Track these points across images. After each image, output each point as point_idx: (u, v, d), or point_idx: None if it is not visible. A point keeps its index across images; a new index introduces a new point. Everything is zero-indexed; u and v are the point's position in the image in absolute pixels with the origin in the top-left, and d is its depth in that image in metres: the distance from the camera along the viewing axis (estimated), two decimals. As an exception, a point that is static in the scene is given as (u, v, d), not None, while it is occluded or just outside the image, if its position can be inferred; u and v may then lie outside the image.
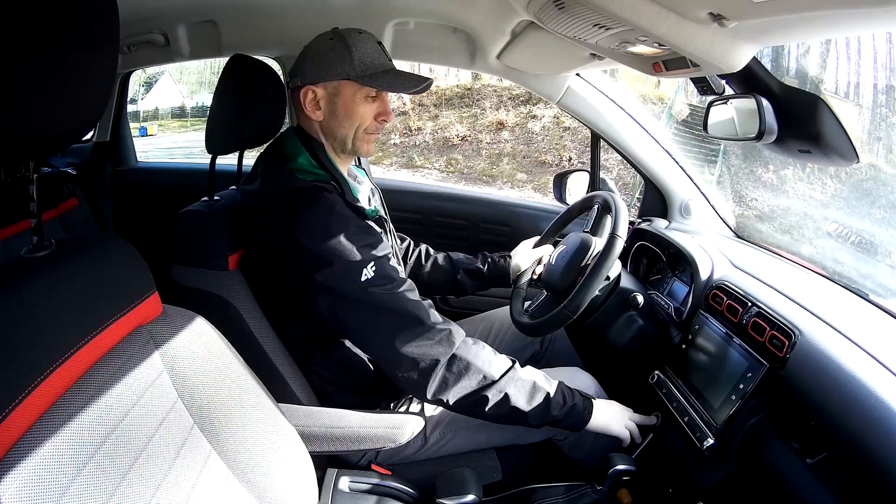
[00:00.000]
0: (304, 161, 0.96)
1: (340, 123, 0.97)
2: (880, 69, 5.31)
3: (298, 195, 0.91)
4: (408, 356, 0.87)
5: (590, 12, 0.75)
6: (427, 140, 9.91)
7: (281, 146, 1.00)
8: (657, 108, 7.89)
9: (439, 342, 0.88)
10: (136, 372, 0.59)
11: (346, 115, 0.96)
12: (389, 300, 0.88)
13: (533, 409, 0.90)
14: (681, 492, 0.94)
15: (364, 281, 0.87)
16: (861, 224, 2.72)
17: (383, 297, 0.88)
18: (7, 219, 1.41)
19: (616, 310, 1.05)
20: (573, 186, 1.51)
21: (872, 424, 0.65)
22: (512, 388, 0.90)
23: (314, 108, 0.97)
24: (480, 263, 1.29)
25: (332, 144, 1.00)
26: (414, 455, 1.03)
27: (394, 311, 0.88)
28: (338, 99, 0.96)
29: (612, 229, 1.02)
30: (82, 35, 0.51)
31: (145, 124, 11.93)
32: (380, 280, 0.88)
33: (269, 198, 0.93)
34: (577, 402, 0.95)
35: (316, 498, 0.83)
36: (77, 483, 0.49)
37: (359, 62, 0.94)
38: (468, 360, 0.88)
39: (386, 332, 0.87)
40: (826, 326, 0.81)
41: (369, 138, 1.00)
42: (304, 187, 0.92)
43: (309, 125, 1.00)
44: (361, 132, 0.98)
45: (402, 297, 0.89)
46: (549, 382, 0.94)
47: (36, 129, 0.51)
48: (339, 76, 0.94)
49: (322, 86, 0.95)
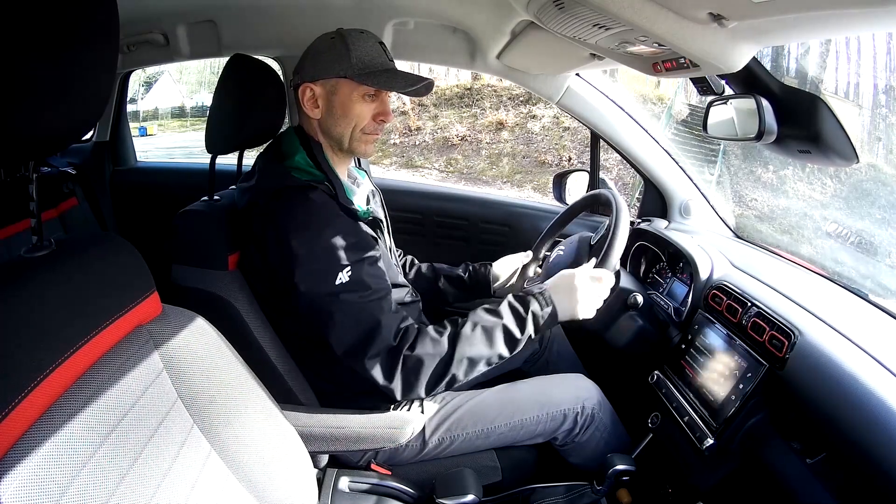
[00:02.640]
0: (300, 159, 0.96)
1: (337, 122, 0.97)
2: (880, 69, 5.31)
3: (290, 193, 0.91)
4: (369, 365, 0.87)
5: (590, 12, 0.75)
6: (427, 140, 9.92)
7: (279, 144, 1.00)
8: (657, 108, 7.89)
9: (392, 349, 0.88)
10: (136, 372, 0.59)
11: (343, 113, 0.96)
12: (357, 309, 0.88)
13: (501, 347, 0.91)
14: (680, 492, 0.94)
15: (337, 285, 0.87)
16: (861, 224, 2.72)
17: (352, 304, 0.87)
18: (7, 218, 1.41)
19: (615, 310, 1.05)
20: (573, 186, 1.51)
21: (872, 424, 0.65)
22: (468, 349, 0.89)
23: (312, 106, 0.97)
24: (461, 271, 1.29)
25: (329, 144, 1.00)
26: (413, 457, 1.03)
27: (358, 321, 0.88)
28: (335, 97, 0.96)
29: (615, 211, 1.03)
30: (82, 35, 0.51)
31: (145, 124, 11.94)
32: (353, 286, 0.88)
33: (263, 194, 0.93)
34: (533, 307, 0.93)
35: (315, 498, 0.83)
36: (77, 482, 0.49)
37: (356, 60, 0.94)
38: (418, 353, 0.88)
39: (350, 339, 0.87)
40: (826, 327, 0.81)
41: (367, 139, 0.99)
42: (295, 185, 0.92)
43: (308, 124, 1.00)
44: (359, 132, 0.98)
45: (370, 307, 0.89)
46: (495, 314, 0.93)
47: (36, 129, 0.51)
48: (336, 74, 0.94)
49: (320, 84, 0.96)
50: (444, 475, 0.91)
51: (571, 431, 1.05)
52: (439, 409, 1.04)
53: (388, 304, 0.92)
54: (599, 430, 1.06)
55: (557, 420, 1.04)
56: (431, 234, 1.73)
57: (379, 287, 0.92)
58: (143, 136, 11.21)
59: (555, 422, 1.04)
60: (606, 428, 1.07)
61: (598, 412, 1.06)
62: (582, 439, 1.05)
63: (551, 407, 1.04)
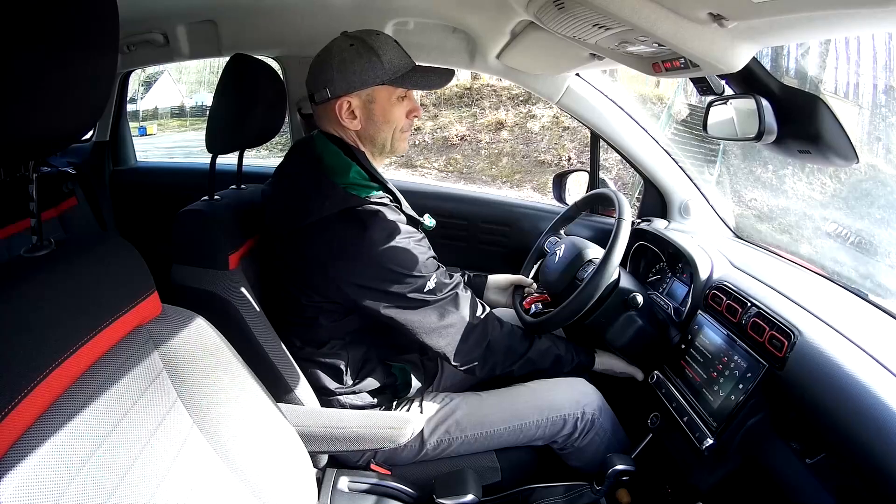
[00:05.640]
0: (355, 175, 0.95)
1: (379, 128, 0.97)
2: (880, 69, 5.31)
3: (361, 213, 0.91)
4: (462, 352, 0.99)
5: (590, 12, 0.75)
6: (426, 139, 9.91)
7: (319, 159, 0.97)
8: (657, 108, 7.89)
9: (482, 334, 1.01)
10: (136, 372, 0.59)
11: (384, 119, 0.96)
12: (447, 307, 0.98)
13: (549, 367, 1.08)
14: (680, 492, 0.94)
15: (427, 291, 0.95)
16: (860, 224, 2.72)
17: (444, 304, 0.97)
18: (7, 218, 1.41)
19: (615, 310, 1.05)
20: (572, 186, 1.51)
21: (871, 424, 0.65)
22: (535, 356, 1.07)
23: (350, 118, 0.96)
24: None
25: (370, 150, 1.00)
26: (412, 458, 1.03)
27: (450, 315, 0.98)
28: (374, 105, 0.95)
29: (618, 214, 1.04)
30: (82, 35, 0.51)
31: (144, 124, 11.91)
32: (439, 288, 0.97)
33: (322, 216, 0.91)
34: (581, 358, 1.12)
35: (315, 497, 0.83)
36: (76, 482, 0.49)
37: (389, 65, 0.93)
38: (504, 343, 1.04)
39: (447, 334, 0.98)
40: (825, 327, 0.81)
41: (404, 136, 1.01)
42: (365, 205, 0.92)
43: (346, 134, 0.99)
44: (398, 132, 0.99)
45: (456, 303, 0.99)
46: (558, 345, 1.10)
47: (35, 129, 0.51)
48: (374, 83, 0.93)
49: (356, 94, 0.94)
50: (443, 475, 0.91)
51: (571, 436, 1.05)
52: (439, 409, 1.04)
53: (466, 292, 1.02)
54: (599, 436, 1.06)
55: (557, 424, 1.04)
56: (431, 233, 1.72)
57: (454, 282, 1.00)
58: (142, 135, 11.19)
59: (555, 426, 1.04)
60: (606, 433, 1.07)
61: (598, 417, 1.06)
62: (582, 444, 1.06)
63: (551, 411, 1.04)
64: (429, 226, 1.04)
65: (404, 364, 1.05)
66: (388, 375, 1.04)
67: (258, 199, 1.08)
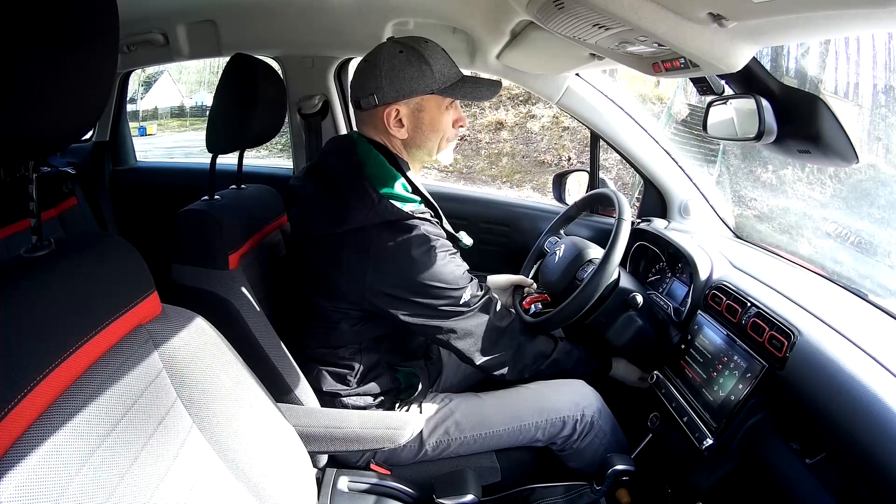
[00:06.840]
0: (400, 187, 0.94)
1: (427, 137, 0.97)
2: (880, 69, 5.30)
3: (403, 226, 0.92)
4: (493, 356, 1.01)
5: (589, 12, 0.75)
6: (426, 140, 9.89)
7: (362, 165, 0.95)
8: (657, 108, 7.88)
9: (511, 338, 1.03)
10: (135, 371, 0.59)
11: (432, 128, 0.96)
12: (479, 314, 0.99)
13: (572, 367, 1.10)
14: (680, 492, 0.94)
15: (463, 304, 0.97)
16: (860, 224, 2.71)
17: (476, 312, 0.99)
18: (7, 218, 1.41)
19: (615, 310, 1.05)
20: (572, 186, 1.51)
21: (871, 424, 0.65)
22: (560, 356, 1.09)
23: (398, 126, 0.95)
24: None
25: (412, 160, 1.00)
26: (412, 458, 1.03)
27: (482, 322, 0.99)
28: (422, 114, 0.95)
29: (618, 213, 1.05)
30: (82, 35, 0.51)
31: (144, 124, 11.89)
32: (474, 301, 0.98)
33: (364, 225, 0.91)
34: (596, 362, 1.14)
35: (315, 497, 0.83)
36: (76, 482, 0.49)
37: (439, 75, 0.93)
38: (532, 345, 1.06)
39: (478, 340, 1.00)
40: (825, 327, 0.81)
41: (449, 146, 1.00)
42: (408, 219, 0.92)
43: (391, 142, 0.98)
44: (444, 142, 0.99)
45: (488, 309, 1.00)
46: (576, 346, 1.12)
47: (35, 129, 0.51)
48: (423, 91, 0.93)
49: (404, 103, 0.93)
50: (443, 475, 0.91)
51: (570, 438, 1.05)
52: (438, 409, 1.04)
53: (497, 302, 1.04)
54: (598, 438, 1.06)
55: (556, 426, 1.04)
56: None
57: (484, 293, 1.01)
58: (142, 135, 11.17)
59: (554, 428, 1.04)
60: (606, 435, 1.07)
61: (597, 419, 1.06)
62: (581, 446, 1.06)
63: (550, 413, 1.04)
64: (466, 244, 1.02)
65: (410, 369, 1.06)
66: (393, 381, 1.05)
67: (258, 199, 1.07)
